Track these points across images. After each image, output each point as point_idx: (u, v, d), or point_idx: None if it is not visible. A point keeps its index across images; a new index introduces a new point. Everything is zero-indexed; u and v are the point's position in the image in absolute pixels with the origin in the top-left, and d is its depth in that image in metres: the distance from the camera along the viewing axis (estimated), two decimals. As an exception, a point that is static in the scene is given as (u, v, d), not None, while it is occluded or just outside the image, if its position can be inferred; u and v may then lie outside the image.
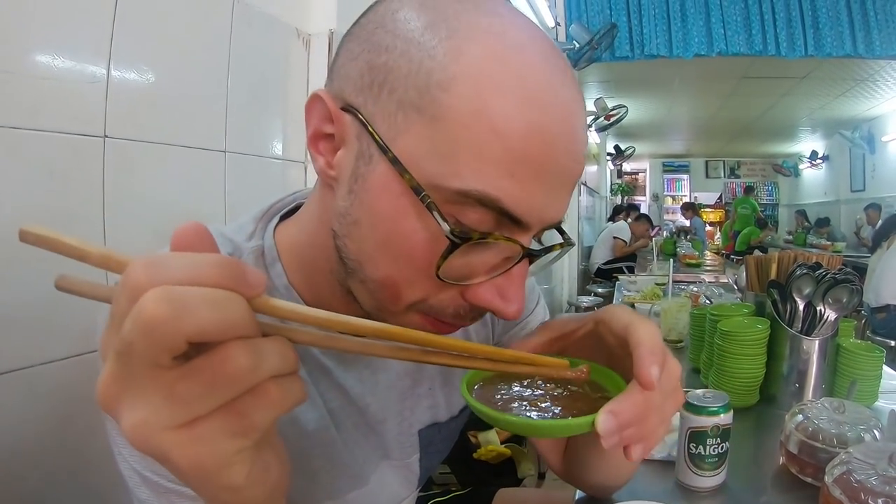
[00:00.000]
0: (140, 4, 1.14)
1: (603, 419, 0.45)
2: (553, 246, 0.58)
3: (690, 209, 11.22)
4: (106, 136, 1.09)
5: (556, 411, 0.51)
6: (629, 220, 8.17)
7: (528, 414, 0.50)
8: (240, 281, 0.34)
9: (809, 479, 1.04)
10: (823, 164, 11.82)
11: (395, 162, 0.50)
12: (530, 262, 0.56)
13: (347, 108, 0.55)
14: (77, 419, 1.05)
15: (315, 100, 0.57)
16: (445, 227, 0.48)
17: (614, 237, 7.49)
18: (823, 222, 10.20)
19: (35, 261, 0.98)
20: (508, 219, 0.51)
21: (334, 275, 0.62)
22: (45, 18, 0.98)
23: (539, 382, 0.56)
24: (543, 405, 0.51)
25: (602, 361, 0.57)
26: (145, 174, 1.19)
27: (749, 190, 12.51)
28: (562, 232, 0.64)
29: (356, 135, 0.54)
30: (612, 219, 8.88)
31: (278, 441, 0.43)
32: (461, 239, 0.48)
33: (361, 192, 0.54)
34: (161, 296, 0.30)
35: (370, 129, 0.52)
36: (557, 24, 5.22)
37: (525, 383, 0.56)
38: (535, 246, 0.55)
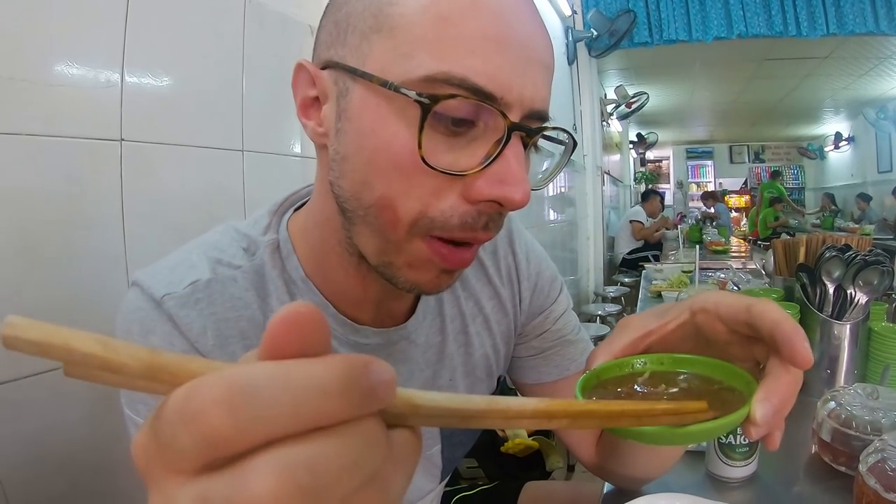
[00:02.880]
0: (151, 9, 1.15)
1: (760, 407, 0.42)
2: (543, 127, 0.58)
3: (711, 198, 11.09)
4: (122, 140, 1.10)
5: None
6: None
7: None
8: (371, 400, 0.24)
9: (843, 468, 1.01)
10: (849, 146, 11.61)
11: (364, 75, 0.54)
12: (525, 147, 0.56)
13: (324, 65, 0.59)
14: (103, 421, 1.06)
15: (298, 69, 0.61)
16: (412, 94, 0.51)
17: (630, 221, 7.42)
18: (866, 197, 9.89)
19: (59, 263, 1.00)
20: (483, 97, 0.52)
21: (342, 245, 0.64)
22: (58, 27, 0.99)
23: (647, 384, 0.50)
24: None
25: (693, 352, 0.52)
26: (163, 176, 1.19)
27: (776, 174, 12.30)
28: (563, 131, 0.64)
29: (334, 81, 0.58)
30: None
31: None
32: (430, 99, 0.50)
33: (345, 123, 0.57)
34: (285, 487, 0.21)
35: (342, 65, 0.56)
36: (574, 12, 5.19)
37: (638, 385, 0.50)
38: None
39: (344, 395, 0.23)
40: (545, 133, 0.59)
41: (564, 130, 0.63)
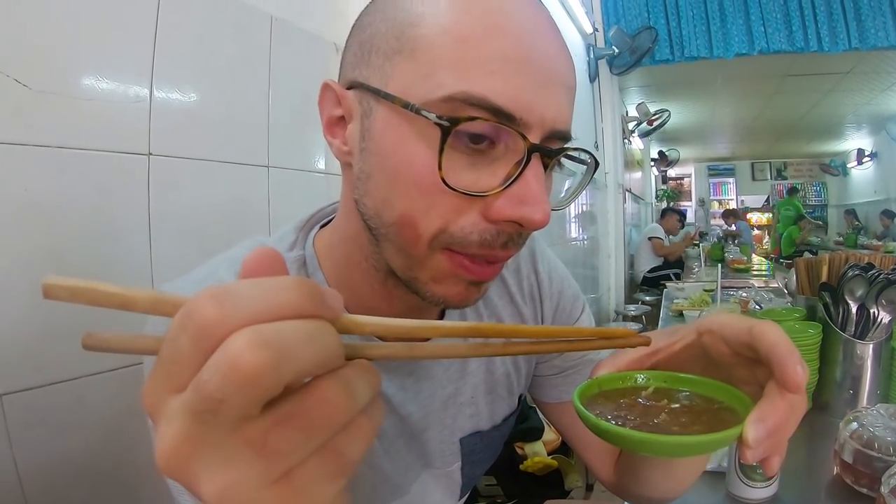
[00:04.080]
0: (179, 25, 1.17)
1: (752, 428, 0.42)
2: (565, 148, 0.58)
3: (732, 216, 11.01)
4: (150, 154, 1.12)
5: (677, 428, 0.46)
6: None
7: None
8: (321, 304, 0.30)
9: (865, 490, 1.01)
10: (871, 162, 11.47)
11: (387, 97, 0.55)
12: (546, 168, 0.56)
13: (350, 85, 0.61)
14: (124, 430, 1.07)
15: (324, 89, 0.63)
16: (432, 116, 0.51)
17: (649, 238, 7.37)
18: (890, 214, 9.76)
19: (85, 274, 1.01)
20: (503, 118, 0.52)
21: (369, 261, 0.65)
22: (88, 42, 1.01)
23: (650, 398, 0.51)
24: (659, 421, 0.46)
25: (699, 373, 0.53)
26: (190, 190, 1.21)
27: (793, 191, 12.16)
28: (587, 152, 0.65)
29: (359, 101, 0.59)
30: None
31: None
32: (449, 122, 0.51)
33: (369, 143, 0.58)
34: (256, 340, 0.26)
35: (366, 85, 0.57)
36: (596, 29, 5.20)
37: (635, 399, 0.51)
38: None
39: (299, 290, 0.29)
40: (567, 153, 0.60)
41: (586, 151, 0.64)
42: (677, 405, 0.49)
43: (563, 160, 0.62)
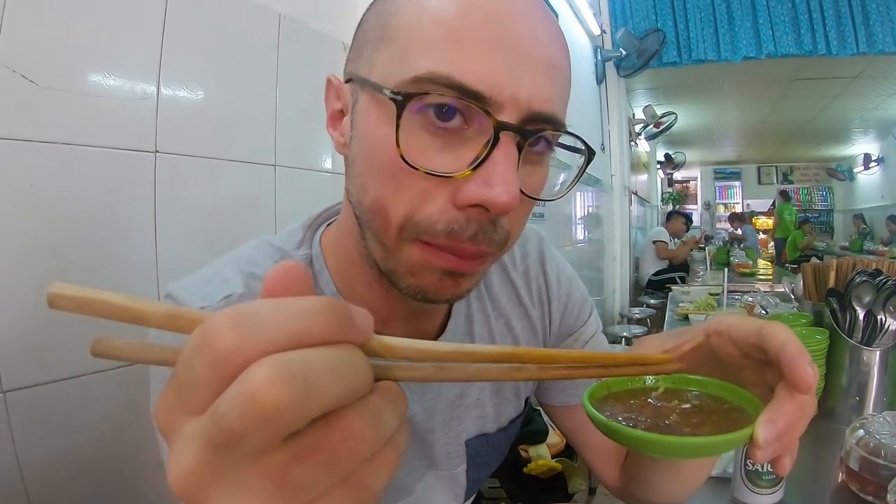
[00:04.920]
0: (187, 23, 1.17)
1: (763, 429, 0.41)
2: (540, 128, 0.55)
3: (737, 220, 10.99)
4: (157, 152, 1.12)
5: (688, 429, 0.45)
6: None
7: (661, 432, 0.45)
8: (349, 327, 0.28)
9: (870, 498, 1.00)
10: (878, 167, 11.44)
11: (365, 83, 0.56)
12: (520, 150, 0.54)
13: (347, 79, 0.62)
14: (128, 427, 1.07)
15: (327, 84, 0.64)
16: (387, 92, 0.52)
17: (653, 241, 7.35)
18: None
19: (91, 270, 1.02)
20: (470, 97, 0.51)
21: (363, 258, 0.64)
22: (95, 38, 1.01)
23: (660, 399, 0.50)
24: (670, 422, 0.46)
25: (707, 374, 0.52)
26: (196, 188, 1.21)
27: (785, 195, 12.18)
28: (577, 137, 0.61)
29: (352, 93, 0.61)
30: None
31: None
32: (403, 97, 0.51)
33: (355, 131, 0.59)
34: (279, 374, 0.24)
35: (356, 75, 0.59)
36: (603, 31, 5.20)
37: (645, 399, 0.50)
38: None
39: (326, 314, 0.27)
40: (560, 141, 0.58)
41: (574, 135, 0.60)
42: (687, 405, 0.48)
43: (557, 149, 0.61)
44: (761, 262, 7.20)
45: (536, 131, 0.55)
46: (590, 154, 0.62)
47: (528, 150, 0.55)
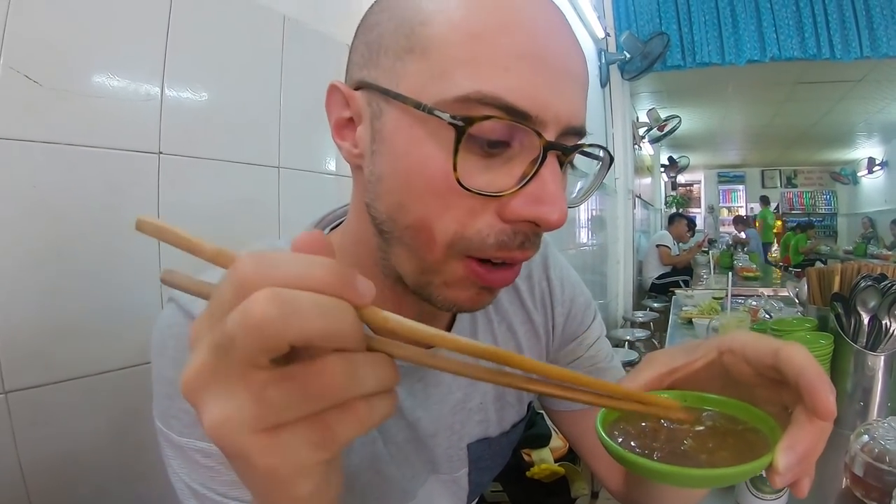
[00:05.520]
0: (191, 24, 1.17)
1: (783, 456, 0.41)
2: (580, 144, 0.57)
3: (742, 223, 10.97)
4: (161, 153, 1.12)
5: (704, 455, 0.44)
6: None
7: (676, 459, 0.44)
8: (349, 288, 0.33)
9: (875, 504, 0.99)
10: (882, 171, 11.42)
11: (398, 97, 0.54)
12: (562, 165, 0.55)
13: (357, 86, 0.59)
14: (131, 429, 1.07)
15: (331, 90, 0.61)
16: (446, 116, 0.50)
17: (657, 245, 7.34)
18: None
19: (94, 272, 1.02)
20: (518, 117, 0.51)
21: (378, 265, 0.64)
22: (100, 39, 1.01)
23: (674, 421, 0.48)
24: (686, 448, 0.45)
25: (718, 392, 0.51)
26: (199, 190, 1.21)
27: (765, 200, 12.17)
28: (600, 147, 0.62)
29: (368, 103, 0.58)
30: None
31: (339, 457, 0.42)
32: (463, 121, 0.50)
33: (380, 145, 0.57)
34: (271, 296, 0.29)
35: (375, 86, 0.56)
36: (607, 34, 5.20)
37: (658, 421, 0.48)
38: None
39: (330, 268, 0.32)
40: (583, 149, 0.59)
41: (601, 147, 0.61)
42: (701, 427, 0.48)
43: (577, 157, 0.61)
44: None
45: (576, 147, 0.56)
46: (610, 160, 0.64)
47: None
